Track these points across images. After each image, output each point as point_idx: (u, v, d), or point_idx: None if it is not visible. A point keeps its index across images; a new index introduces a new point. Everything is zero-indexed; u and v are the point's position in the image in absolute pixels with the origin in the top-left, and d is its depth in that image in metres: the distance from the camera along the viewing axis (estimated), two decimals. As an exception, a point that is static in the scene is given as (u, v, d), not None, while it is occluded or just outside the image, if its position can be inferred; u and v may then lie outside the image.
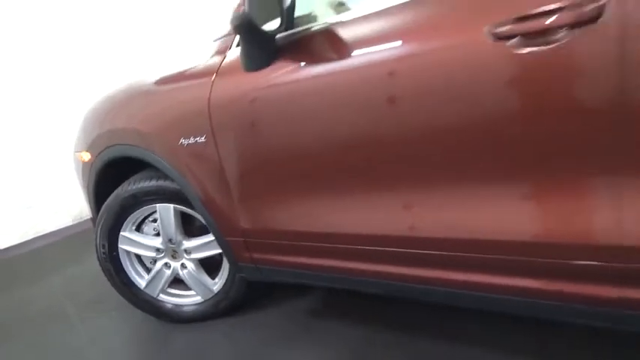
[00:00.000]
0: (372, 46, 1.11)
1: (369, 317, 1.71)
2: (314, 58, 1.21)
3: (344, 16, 1.20)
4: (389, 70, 1.06)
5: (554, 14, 0.83)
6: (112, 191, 1.77)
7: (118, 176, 1.80)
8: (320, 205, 1.33)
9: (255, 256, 1.54)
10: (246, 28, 1.14)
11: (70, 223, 3.56)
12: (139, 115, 1.64)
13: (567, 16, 0.82)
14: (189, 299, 1.87)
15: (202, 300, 1.85)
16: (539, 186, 0.96)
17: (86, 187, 1.93)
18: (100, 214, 1.81)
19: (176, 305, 1.87)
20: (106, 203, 1.78)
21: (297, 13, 1.30)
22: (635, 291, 0.91)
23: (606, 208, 0.89)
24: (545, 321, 1.43)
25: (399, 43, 1.07)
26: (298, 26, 1.27)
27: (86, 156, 1.85)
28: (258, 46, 1.22)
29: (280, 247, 1.48)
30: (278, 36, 1.26)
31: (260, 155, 1.37)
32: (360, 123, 1.14)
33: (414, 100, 1.04)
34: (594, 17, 0.80)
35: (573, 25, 0.82)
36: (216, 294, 1.82)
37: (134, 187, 1.71)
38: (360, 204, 1.25)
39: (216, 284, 1.81)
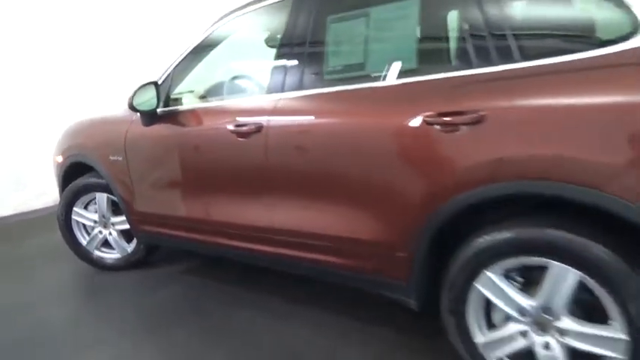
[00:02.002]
0: (210, 121, 2.24)
1: (224, 275, 2.75)
2: (178, 123, 2.33)
3: (199, 104, 2.34)
4: (207, 135, 2.22)
5: (249, 125, 1.95)
6: (72, 182, 2.87)
7: (77, 173, 2.89)
8: (180, 199, 2.44)
9: (146, 228, 2.63)
10: (133, 109, 2.26)
11: (52, 204, 4.64)
12: (92, 138, 2.77)
13: (252, 127, 1.93)
14: (112, 255, 2.95)
15: (120, 257, 2.93)
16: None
17: (57, 178, 3.03)
18: (63, 194, 2.91)
19: (102, 258, 2.95)
20: (67, 188, 2.88)
21: (176, 96, 2.44)
22: (283, 249, 1.99)
23: (265, 210, 2.00)
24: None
25: (215, 121, 2.20)
26: (174, 105, 2.40)
27: (59, 158, 2.96)
28: (147, 114, 2.35)
29: (160, 223, 2.56)
30: (159, 109, 2.37)
31: (147, 170, 2.49)
32: (187, 157, 2.29)
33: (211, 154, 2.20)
34: (260, 129, 1.91)
35: (255, 131, 1.93)
36: (129, 253, 2.90)
37: (84, 181, 2.82)
38: (198, 199, 2.34)
39: (130, 247, 2.89)
